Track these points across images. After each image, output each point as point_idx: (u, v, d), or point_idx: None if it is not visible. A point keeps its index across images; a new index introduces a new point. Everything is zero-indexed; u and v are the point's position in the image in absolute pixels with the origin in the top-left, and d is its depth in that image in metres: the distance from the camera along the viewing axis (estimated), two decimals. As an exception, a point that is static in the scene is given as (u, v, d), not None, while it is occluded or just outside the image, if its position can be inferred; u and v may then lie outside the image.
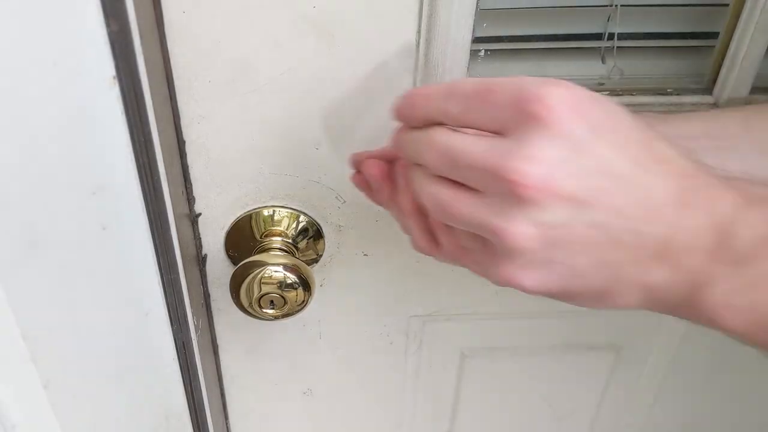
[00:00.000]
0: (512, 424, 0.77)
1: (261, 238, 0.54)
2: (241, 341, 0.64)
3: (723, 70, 0.55)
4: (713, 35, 0.55)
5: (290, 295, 0.51)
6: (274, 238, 0.54)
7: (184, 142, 0.50)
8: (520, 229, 0.30)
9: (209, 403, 0.54)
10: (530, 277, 0.32)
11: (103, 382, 0.39)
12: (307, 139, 0.52)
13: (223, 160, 0.52)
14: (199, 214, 0.54)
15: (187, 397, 0.49)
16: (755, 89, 0.56)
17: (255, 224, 0.54)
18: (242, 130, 0.51)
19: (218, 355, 0.65)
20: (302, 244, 0.55)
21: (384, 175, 0.41)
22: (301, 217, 0.54)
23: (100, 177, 0.34)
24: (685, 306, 0.32)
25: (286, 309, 0.52)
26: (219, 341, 0.63)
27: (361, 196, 0.45)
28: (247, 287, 0.50)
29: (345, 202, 0.55)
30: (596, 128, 0.30)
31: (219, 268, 0.57)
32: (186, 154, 0.51)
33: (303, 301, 0.52)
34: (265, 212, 0.54)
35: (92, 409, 0.38)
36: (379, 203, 0.43)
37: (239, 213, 0.54)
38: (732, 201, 0.31)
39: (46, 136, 0.30)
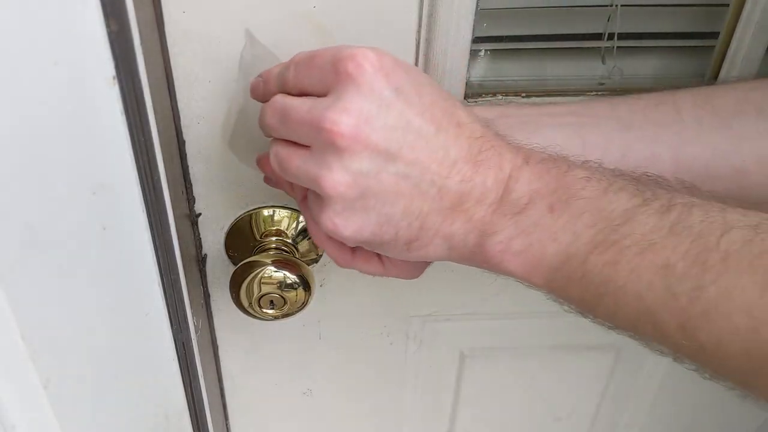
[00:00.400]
0: (512, 423, 0.77)
1: (261, 238, 0.54)
2: (241, 341, 0.64)
3: (723, 71, 0.55)
4: (713, 35, 0.55)
5: (290, 295, 0.51)
6: (274, 238, 0.54)
7: (184, 142, 0.50)
8: (335, 176, 0.34)
9: (209, 403, 0.54)
10: (346, 224, 0.36)
11: (103, 382, 0.39)
12: (307, 139, 0.52)
13: (223, 160, 0.52)
14: (200, 214, 0.54)
15: (186, 397, 0.49)
16: (755, 89, 0.56)
17: (255, 224, 0.54)
18: (242, 129, 0.51)
19: (218, 355, 0.65)
20: (302, 245, 0.55)
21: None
22: (301, 217, 0.54)
23: (100, 177, 0.34)
24: (477, 255, 0.36)
25: (286, 309, 0.52)
26: (219, 341, 0.63)
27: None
28: (247, 287, 0.50)
29: (345, 202, 0.55)
30: (401, 90, 0.34)
31: (219, 268, 0.57)
32: (186, 155, 0.51)
33: (303, 302, 0.52)
34: (265, 212, 0.54)
35: (92, 408, 0.38)
36: (288, 192, 0.46)
37: (239, 213, 0.54)
38: (512, 160, 0.36)
39: (46, 136, 0.30)
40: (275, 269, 0.50)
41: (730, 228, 0.31)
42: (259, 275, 0.50)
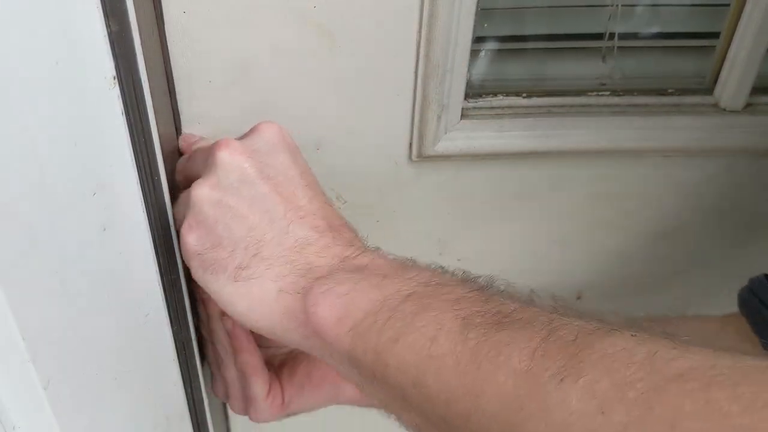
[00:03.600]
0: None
1: None
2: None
3: (724, 71, 0.55)
4: (714, 35, 0.55)
5: None
6: None
7: (184, 142, 0.50)
8: (201, 188, 0.41)
9: (209, 403, 0.54)
10: (191, 229, 0.41)
11: (103, 383, 0.39)
12: (307, 139, 0.52)
13: (223, 160, 0.52)
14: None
15: (187, 398, 0.49)
16: (756, 89, 0.56)
17: None
18: (242, 130, 0.51)
19: (218, 356, 0.65)
20: None
21: None
22: None
23: (101, 177, 0.34)
24: (299, 304, 0.37)
25: None
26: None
27: (362, 197, 0.45)
28: None
29: (346, 202, 0.55)
30: (247, 177, 0.40)
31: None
32: (186, 154, 0.51)
33: None
34: None
35: (92, 409, 0.38)
36: None
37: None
38: (362, 246, 0.40)
39: (45, 136, 0.30)
40: None
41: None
42: None
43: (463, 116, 0.54)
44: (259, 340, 0.52)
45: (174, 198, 0.43)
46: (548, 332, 0.29)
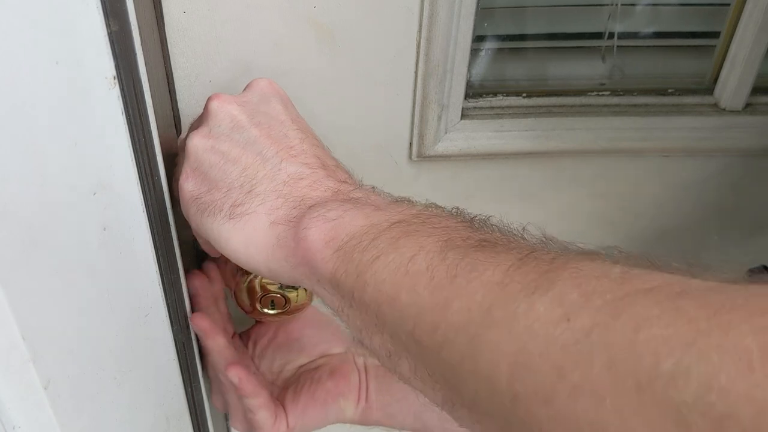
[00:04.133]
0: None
1: None
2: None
3: (724, 70, 0.55)
4: (714, 35, 0.55)
5: (291, 295, 0.51)
6: None
7: (184, 142, 0.50)
8: (196, 137, 0.41)
9: (209, 403, 0.54)
10: (187, 177, 0.41)
11: (104, 383, 0.39)
12: (307, 139, 0.52)
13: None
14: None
15: (187, 398, 0.49)
16: (756, 89, 0.56)
17: None
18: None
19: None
20: None
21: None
22: None
23: (101, 177, 0.34)
24: (290, 233, 0.37)
25: (287, 308, 0.52)
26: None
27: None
28: (248, 287, 0.50)
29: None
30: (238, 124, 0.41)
31: (219, 269, 0.57)
32: (186, 154, 0.51)
33: (304, 302, 0.52)
34: None
35: (92, 409, 0.38)
36: None
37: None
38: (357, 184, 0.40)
39: (46, 136, 0.30)
40: None
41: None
42: (260, 276, 0.50)
43: (463, 116, 0.54)
44: (260, 361, 0.53)
45: (174, 197, 0.43)
46: (527, 252, 0.29)
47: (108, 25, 0.32)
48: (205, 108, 0.42)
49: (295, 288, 0.51)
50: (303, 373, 0.54)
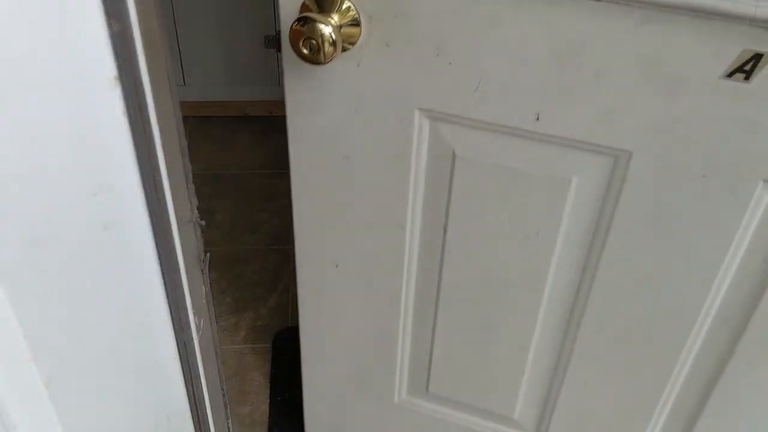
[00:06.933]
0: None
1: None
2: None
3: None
4: (715, 36, 0.55)
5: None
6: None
7: (186, 142, 0.50)
8: None
9: (210, 402, 0.54)
10: None
11: (105, 382, 0.39)
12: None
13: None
14: (204, 210, 0.54)
15: (188, 396, 0.49)
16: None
17: None
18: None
19: (219, 355, 0.65)
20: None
21: None
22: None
23: (102, 177, 0.34)
24: None
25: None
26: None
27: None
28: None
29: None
30: None
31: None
32: (188, 155, 0.51)
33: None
34: None
35: (93, 408, 0.38)
36: None
37: None
38: None
39: (48, 137, 0.30)
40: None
41: None
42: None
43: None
44: None
45: (174, 197, 0.43)
46: None
47: (110, 26, 0.32)
48: None
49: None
50: None
